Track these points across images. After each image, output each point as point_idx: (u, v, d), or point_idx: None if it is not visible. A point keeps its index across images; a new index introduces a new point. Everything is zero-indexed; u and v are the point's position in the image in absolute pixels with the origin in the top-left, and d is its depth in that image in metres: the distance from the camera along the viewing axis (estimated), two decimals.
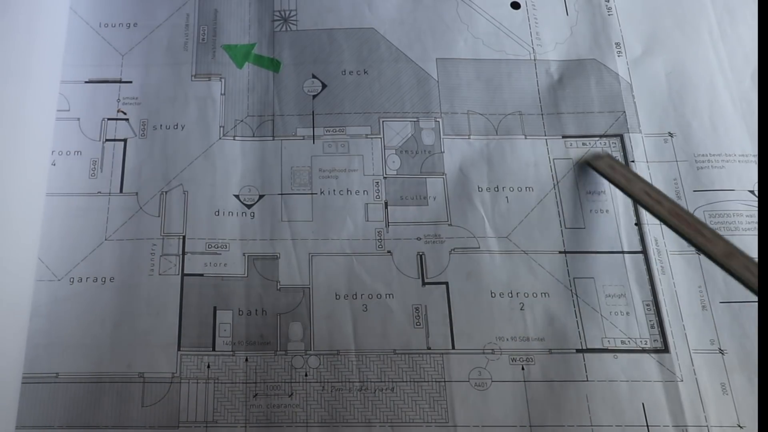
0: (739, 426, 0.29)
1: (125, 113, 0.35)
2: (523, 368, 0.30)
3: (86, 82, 0.35)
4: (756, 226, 0.33)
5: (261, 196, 0.33)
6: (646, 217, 0.33)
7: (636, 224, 0.33)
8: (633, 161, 0.34)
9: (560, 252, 0.32)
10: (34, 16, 0.31)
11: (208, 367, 0.30)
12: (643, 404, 0.30)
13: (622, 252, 0.32)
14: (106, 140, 0.34)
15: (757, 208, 0.33)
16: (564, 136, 0.35)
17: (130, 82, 0.35)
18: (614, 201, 0.33)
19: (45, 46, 0.31)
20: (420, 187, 0.34)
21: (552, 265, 0.32)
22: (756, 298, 0.25)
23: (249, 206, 0.33)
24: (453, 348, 0.31)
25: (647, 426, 0.29)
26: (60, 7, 0.34)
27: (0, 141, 0.28)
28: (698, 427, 0.29)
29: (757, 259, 0.25)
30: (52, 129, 0.32)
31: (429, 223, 0.33)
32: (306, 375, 0.30)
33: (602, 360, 0.30)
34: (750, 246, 0.32)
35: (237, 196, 0.33)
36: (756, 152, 0.34)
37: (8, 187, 0.28)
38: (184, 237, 0.32)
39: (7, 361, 0.27)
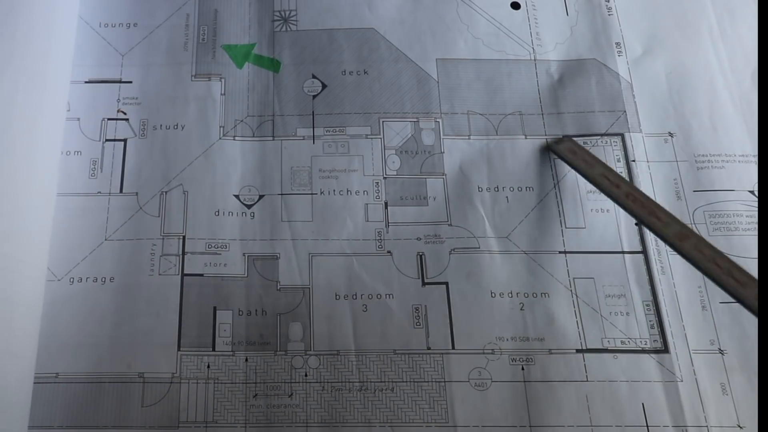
0: (739, 426, 0.29)
1: (125, 113, 0.35)
2: (522, 368, 0.30)
3: (86, 82, 0.35)
4: (756, 226, 0.32)
5: (261, 196, 0.33)
6: None
7: (636, 224, 0.33)
8: (634, 160, 0.34)
9: (560, 252, 0.32)
10: (47, 20, 0.31)
11: (208, 367, 0.30)
12: (642, 404, 0.30)
13: (622, 252, 0.32)
14: (106, 140, 0.34)
15: (757, 208, 0.33)
16: (565, 136, 0.35)
17: (130, 82, 0.35)
18: None
19: (57, 50, 0.32)
20: (420, 187, 0.34)
21: (552, 265, 0.32)
22: (705, 276, 0.26)
23: (249, 206, 0.33)
24: (453, 348, 0.31)
25: (647, 426, 0.29)
26: (70, 11, 0.34)
27: (17, 142, 0.28)
28: (698, 427, 0.29)
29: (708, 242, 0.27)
30: (62, 130, 0.32)
31: (429, 223, 0.33)
32: (306, 375, 0.30)
33: (602, 360, 0.30)
34: (750, 246, 0.32)
35: (237, 196, 0.33)
36: (756, 152, 0.34)
37: (22, 188, 0.28)
38: (184, 237, 0.32)
39: (21, 362, 0.27)
